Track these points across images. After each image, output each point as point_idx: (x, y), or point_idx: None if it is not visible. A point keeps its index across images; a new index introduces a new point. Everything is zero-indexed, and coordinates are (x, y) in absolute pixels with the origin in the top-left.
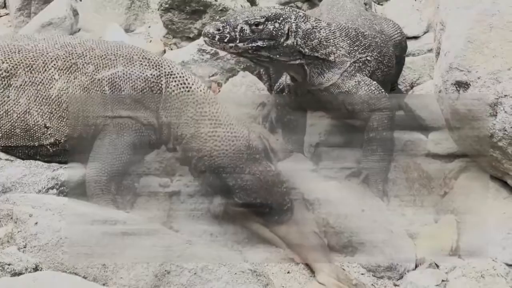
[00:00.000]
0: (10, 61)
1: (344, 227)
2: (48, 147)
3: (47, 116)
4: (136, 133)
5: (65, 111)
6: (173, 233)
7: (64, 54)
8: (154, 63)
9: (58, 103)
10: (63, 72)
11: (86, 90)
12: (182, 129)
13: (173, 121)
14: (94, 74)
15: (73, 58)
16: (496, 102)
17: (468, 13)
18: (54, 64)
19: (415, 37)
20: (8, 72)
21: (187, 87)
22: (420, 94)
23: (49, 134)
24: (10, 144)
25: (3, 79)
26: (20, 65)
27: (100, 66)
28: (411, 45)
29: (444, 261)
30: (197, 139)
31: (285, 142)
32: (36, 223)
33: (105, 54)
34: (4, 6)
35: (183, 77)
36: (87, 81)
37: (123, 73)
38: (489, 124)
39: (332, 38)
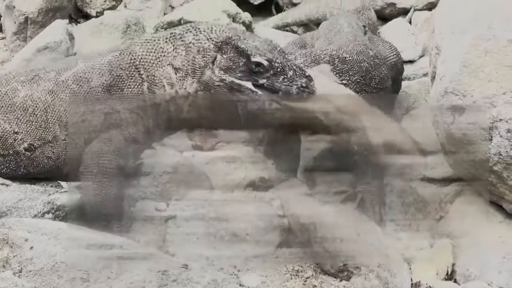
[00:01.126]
0: None
1: (339, 251)
2: (26, 152)
3: (14, 123)
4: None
5: (32, 115)
6: (169, 258)
7: (25, 70)
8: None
9: (24, 109)
10: (25, 83)
11: (52, 93)
12: None
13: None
14: (57, 78)
15: (34, 71)
16: (491, 126)
17: (463, 37)
18: (17, 79)
19: (411, 61)
20: None
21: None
22: (415, 118)
23: (20, 139)
24: None
25: None
26: None
27: (61, 70)
28: (406, 69)
29: (440, 285)
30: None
31: (280, 166)
32: (32, 248)
33: (65, 63)
34: (0, 30)
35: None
36: (51, 85)
37: (86, 67)
38: (484, 148)
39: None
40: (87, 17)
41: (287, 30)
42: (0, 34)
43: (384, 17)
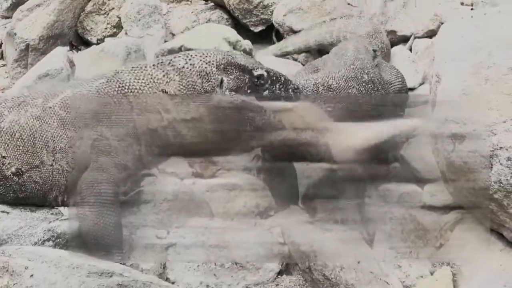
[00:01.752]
0: None
1: (340, 279)
2: (14, 177)
3: (2, 147)
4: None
5: (19, 140)
6: (170, 285)
7: (12, 96)
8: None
9: (11, 134)
10: (12, 109)
11: (39, 120)
12: None
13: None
14: (44, 104)
15: (21, 97)
16: (492, 154)
17: (463, 65)
18: (3, 105)
19: (411, 89)
20: None
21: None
22: (415, 146)
23: (8, 163)
24: None
25: None
26: None
27: (48, 96)
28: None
29: None
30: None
31: (279, 194)
32: (32, 276)
33: (53, 89)
34: (1, 57)
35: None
36: (38, 111)
37: (73, 94)
38: (484, 176)
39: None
40: (88, 44)
41: (287, 58)
42: (1, 61)
43: None
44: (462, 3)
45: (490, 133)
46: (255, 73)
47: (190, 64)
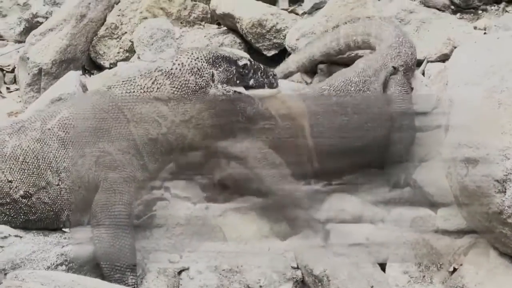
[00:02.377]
0: None
1: None
2: (23, 200)
3: (7, 172)
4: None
5: (23, 164)
6: None
7: (10, 123)
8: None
9: (14, 158)
10: (13, 134)
11: (40, 142)
12: None
13: None
14: (43, 127)
15: (19, 122)
16: (505, 179)
17: (476, 89)
18: (3, 132)
19: (424, 113)
20: None
21: None
22: (429, 170)
23: (15, 187)
24: None
25: None
26: None
27: (46, 118)
28: (419, 121)
29: None
30: None
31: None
32: None
33: (49, 111)
34: (14, 81)
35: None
36: (37, 134)
37: (69, 113)
38: (498, 200)
39: None
40: (100, 68)
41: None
42: (14, 85)
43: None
44: (475, 27)
45: (503, 158)
46: (240, 63)
47: (179, 64)
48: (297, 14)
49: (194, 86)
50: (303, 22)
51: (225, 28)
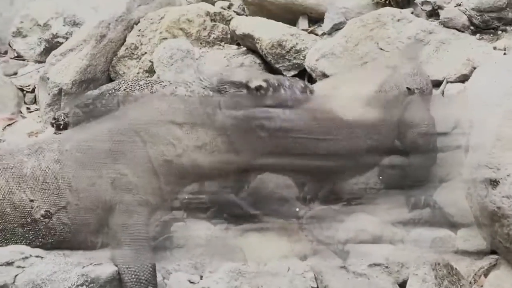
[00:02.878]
0: None
1: None
2: (43, 220)
3: (29, 191)
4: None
5: (44, 183)
6: None
7: (28, 145)
8: None
9: (35, 178)
10: (31, 155)
11: (59, 162)
12: None
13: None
14: (60, 148)
15: (36, 144)
16: None
17: (496, 110)
18: (21, 153)
19: (444, 133)
20: None
21: None
22: (448, 191)
23: (37, 206)
24: (5, 226)
25: None
26: None
27: (63, 140)
28: (439, 141)
29: None
30: None
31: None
32: None
33: (66, 134)
34: (34, 101)
35: None
36: (55, 155)
37: (87, 135)
38: None
39: None
40: None
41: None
42: (34, 105)
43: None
44: (494, 48)
45: None
46: (252, 85)
47: (190, 91)
48: (316, 34)
49: (203, 114)
50: (323, 42)
51: (244, 48)
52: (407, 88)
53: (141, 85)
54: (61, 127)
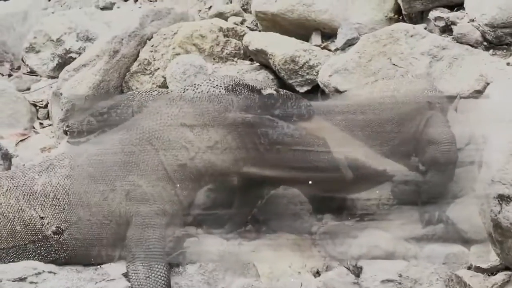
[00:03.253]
0: None
1: None
2: (54, 236)
3: (39, 208)
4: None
5: (54, 200)
6: None
7: (39, 162)
8: None
9: (45, 195)
10: (42, 172)
11: (70, 178)
12: None
13: None
14: (72, 164)
15: (47, 161)
16: None
17: (510, 126)
18: (32, 170)
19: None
20: None
21: None
22: (462, 207)
23: (47, 223)
24: (16, 243)
25: None
26: (2, 177)
27: (74, 156)
28: None
29: None
30: None
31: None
32: None
33: (76, 150)
34: (47, 117)
35: None
36: (67, 171)
37: (98, 150)
38: None
39: None
40: None
41: None
42: (47, 121)
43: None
44: (508, 64)
45: None
46: (264, 92)
47: (199, 92)
48: (329, 50)
49: (213, 112)
50: (336, 58)
51: (257, 64)
52: (427, 101)
53: (154, 95)
54: (75, 134)
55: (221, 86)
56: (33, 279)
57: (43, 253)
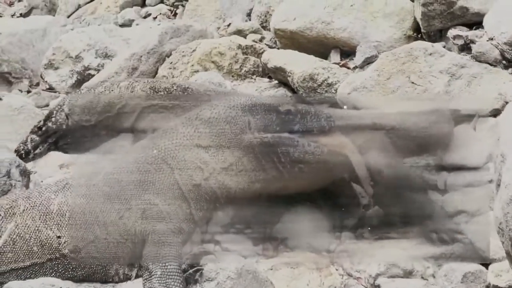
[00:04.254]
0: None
1: None
2: (71, 254)
3: (55, 228)
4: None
5: (70, 219)
6: None
7: (56, 181)
8: None
9: (61, 214)
10: (58, 192)
11: (86, 197)
12: None
13: None
14: (88, 183)
15: (63, 180)
16: None
17: None
18: (49, 190)
19: (476, 168)
20: (9, 204)
21: None
22: (479, 226)
23: (64, 242)
24: (34, 261)
25: (7, 210)
26: (19, 198)
27: (90, 175)
28: (471, 176)
29: None
30: None
31: None
32: None
33: (92, 170)
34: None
35: None
36: (83, 190)
37: (113, 169)
38: None
39: None
40: None
41: None
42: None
43: None
44: None
45: None
46: (282, 109)
47: (216, 113)
48: (348, 68)
49: (229, 134)
50: (355, 76)
51: (276, 81)
52: None
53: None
54: (23, 156)
55: (237, 107)
56: None
57: (60, 270)
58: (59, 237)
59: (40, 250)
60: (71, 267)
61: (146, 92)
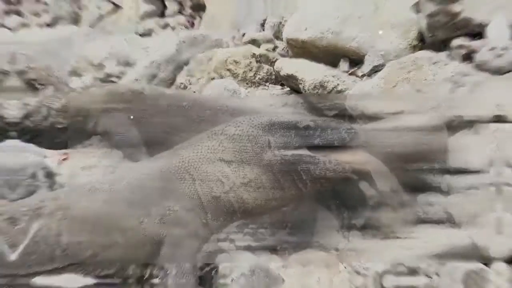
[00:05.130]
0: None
1: None
2: (91, 260)
3: (76, 233)
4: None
5: (91, 225)
6: None
7: (80, 184)
8: None
9: (82, 221)
10: (83, 195)
11: (108, 203)
12: None
13: None
14: (111, 188)
15: (89, 183)
16: None
17: None
18: (74, 193)
19: (478, 171)
20: (37, 205)
21: None
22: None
23: (84, 248)
24: (56, 266)
25: (33, 212)
26: (46, 199)
27: (114, 181)
28: (473, 179)
29: None
30: None
31: None
32: None
33: (117, 175)
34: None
35: None
36: (106, 195)
37: (138, 175)
38: None
39: None
40: None
41: None
42: (88, 141)
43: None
44: None
45: None
46: (301, 125)
47: (240, 130)
48: (357, 76)
49: (251, 152)
50: (362, 83)
51: (288, 89)
52: None
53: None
54: None
55: (258, 127)
56: None
57: (80, 275)
58: (79, 242)
59: (61, 255)
60: (90, 269)
61: (103, 96)
